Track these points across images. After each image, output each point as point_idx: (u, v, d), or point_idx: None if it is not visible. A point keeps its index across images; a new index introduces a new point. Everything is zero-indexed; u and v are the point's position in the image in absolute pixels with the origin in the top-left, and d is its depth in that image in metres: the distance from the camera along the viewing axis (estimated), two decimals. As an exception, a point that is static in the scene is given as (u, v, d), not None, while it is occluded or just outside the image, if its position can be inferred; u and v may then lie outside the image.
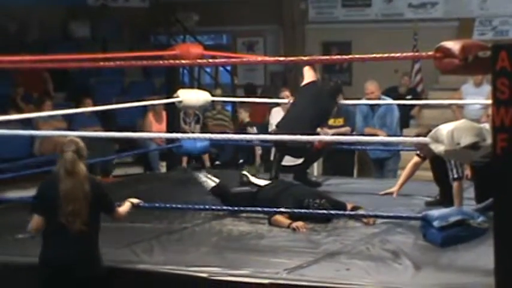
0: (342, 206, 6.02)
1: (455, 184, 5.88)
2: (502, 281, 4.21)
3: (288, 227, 5.78)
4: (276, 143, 7.22)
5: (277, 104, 10.33)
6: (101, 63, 7.36)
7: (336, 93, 7.35)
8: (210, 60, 7.92)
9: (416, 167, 6.38)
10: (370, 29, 13.25)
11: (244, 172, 6.90)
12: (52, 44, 12.69)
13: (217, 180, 6.70)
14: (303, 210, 5.78)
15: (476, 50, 4.53)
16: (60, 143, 4.73)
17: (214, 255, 5.17)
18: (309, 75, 7.40)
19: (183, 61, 7.29)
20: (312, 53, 12.50)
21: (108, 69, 13.20)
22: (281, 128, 7.03)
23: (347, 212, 6.03)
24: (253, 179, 6.70)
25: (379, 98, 9.05)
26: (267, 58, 10.54)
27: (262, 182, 6.61)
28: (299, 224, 5.76)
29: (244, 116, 11.06)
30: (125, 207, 5.08)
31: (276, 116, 10.24)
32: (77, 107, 10.01)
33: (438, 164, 6.07)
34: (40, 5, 12.73)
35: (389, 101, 9.20)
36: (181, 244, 5.52)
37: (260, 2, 13.83)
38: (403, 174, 6.50)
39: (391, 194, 6.38)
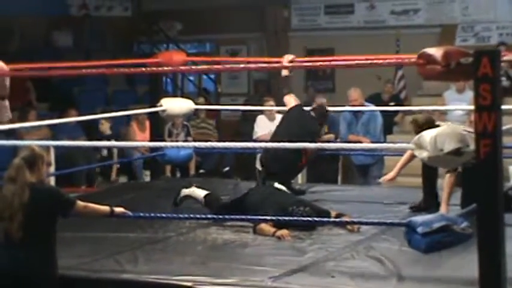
0: (325, 214, 6.02)
1: (447, 176, 5.89)
2: (486, 287, 4.22)
3: (273, 235, 5.78)
4: (264, 165, 7.12)
5: (261, 112, 10.35)
6: (84, 71, 7.34)
7: (321, 116, 7.23)
8: (193, 67, 7.91)
9: (412, 156, 6.35)
10: (353, 36, 13.28)
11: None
12: (35, 54, 12.65)
13: (205, 192, 6.71)
14: (287, 218, 5.77)
15: (459, 56, 4.55)
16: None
17: (199, 265, 5.15)
18: (290, 102, 7.28)
19: (165, 68, 7.26)
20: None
21: (91, 78, 13.18)
22: (268, 152, 6.97)
23: (331, 220, 6.04)
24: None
25: (363, 105, 9.07)
26: (249, 65, 10.50)
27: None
28: (283, 232, 5.76)
29: (105, 127, 10.64)
30: (99, 206, 5.00)
31: (261, 123, 10.27)
32: (60, 116, 9.98)
33: (427, 171, 6.07)
34: (22, 14, 12.69)
35: (373, 107, 9.23)
36: (166, 253, 5.50)
37: (243, 10, 13.84)
38: (401, 160, 6.45)
39: (391, 180, 6.37)
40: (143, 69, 7.12)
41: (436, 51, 4.58)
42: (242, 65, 9.41)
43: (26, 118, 10.02)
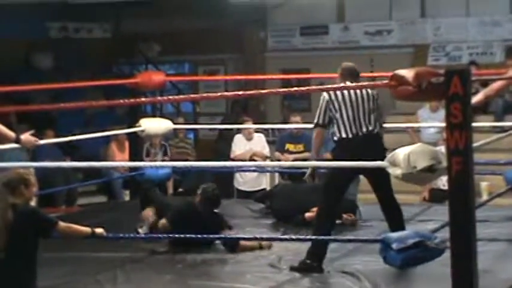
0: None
1: (315, 131, 5.98)
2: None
3: (260, 248, 6.01)
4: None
5: (239, 131, 10.42)
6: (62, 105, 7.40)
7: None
8: (170, 97, 8.00)
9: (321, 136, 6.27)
10: (328, 56, 13.39)
11: None
12: (15, 75, 12.66)
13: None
14: (246, 237, 6.08)
15: (429, 76, 4.63)
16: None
17: (178, 283, 5.21)
18: None
19: (143, 99, 7.34)
20: (271, 82, 12.61)
21: (71, 99, 13.15)
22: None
23: (302, 237, 6.06)
24: None
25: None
26: (225, 93, 10.57)
27: None
28: (267, 243, 6.05)
29: None
30: (81, 227, 4.99)
31: (238, 142, 10.34)
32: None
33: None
34: (2, 37, 12.70)
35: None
36: (145, 272, 5.55)
37: (221, 31, 13.95)
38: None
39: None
40: (121, 101, 7.16)
41: (407, 73, 4.66)
42: (219, 94, 9.49)
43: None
